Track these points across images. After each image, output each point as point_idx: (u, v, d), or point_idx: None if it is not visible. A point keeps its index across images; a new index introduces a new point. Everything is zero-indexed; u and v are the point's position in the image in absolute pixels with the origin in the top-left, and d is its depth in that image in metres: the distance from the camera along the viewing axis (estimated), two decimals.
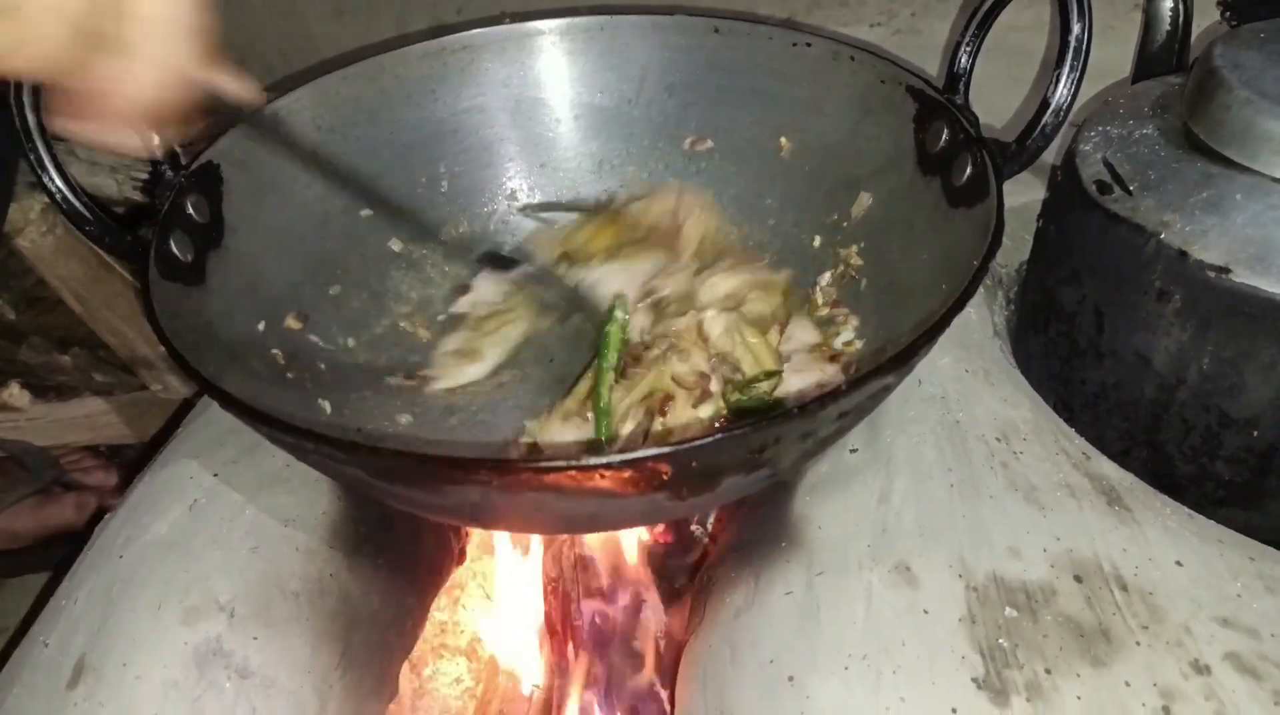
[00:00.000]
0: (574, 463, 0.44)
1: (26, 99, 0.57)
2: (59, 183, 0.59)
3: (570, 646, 0.77)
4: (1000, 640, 0.51)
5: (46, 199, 1.06)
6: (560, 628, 0.77)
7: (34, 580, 0.95)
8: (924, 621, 0.53)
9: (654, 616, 0.76)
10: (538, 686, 0.77)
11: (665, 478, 0.47)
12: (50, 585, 0.64)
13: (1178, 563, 0.55)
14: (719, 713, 0.55)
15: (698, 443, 0.44)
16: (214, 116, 0.56)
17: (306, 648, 0.57)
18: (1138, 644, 0.51)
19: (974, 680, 0.50)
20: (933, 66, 0.97)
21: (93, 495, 0.96)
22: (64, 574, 0.63)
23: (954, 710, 0.49)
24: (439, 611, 0.77)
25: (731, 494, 0.55)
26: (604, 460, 0.44)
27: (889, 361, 0.48)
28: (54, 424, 1.12)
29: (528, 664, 0.77)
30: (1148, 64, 0.74)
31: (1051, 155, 0.64)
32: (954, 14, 0.97)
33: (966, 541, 0.56)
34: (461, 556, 0.75)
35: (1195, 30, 0.73)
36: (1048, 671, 0.50)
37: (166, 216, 0.61)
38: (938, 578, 0.54)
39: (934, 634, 0.52)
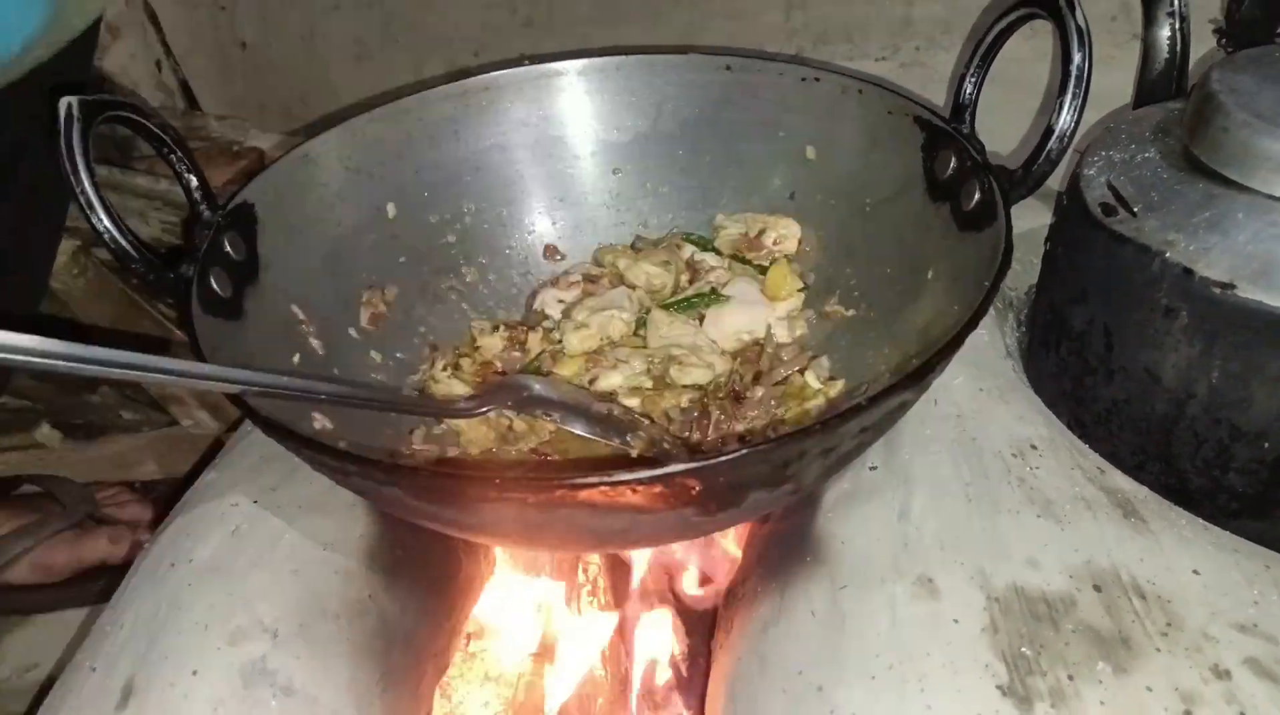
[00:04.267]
0: (606, 479, 0.45)
1: (77, 143, 0.59)
2: (107, 223, 0.61)
3: (595, 666, 0.78)
4: (1023, 648, 0.53)
5: (78, 242, 1.10)
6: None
7: (68, 617, 0.96)
8: (948, 632, 0.54)
9: (678, 636, 0.77)
10: (565, 708, 0.78)
11: (694, 493, 0.48)
12: (89, 621, 0.66)
13: (1194, 571, 0.56)
14: None
15: (725, 458, 0.46)
16: None
17: (347, 667, 0.58)
18: (1157, 650, 0.52)
19: (999, 688, 0.51)
20: (938, 98, 1.00)
21: (127, 530, 0.98)
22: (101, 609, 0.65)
23: None
24: (471, 636, 0.79)
25: (757, 509, 0.57)
26: (634, 476, 0.46)
27: (906, 378, 0.50)
28: (84, 461, 1.15)
29: (555, 685, 0.78)
30: (1147, 91, 0.76)
31: (1056, 181, 0.66)
32: (958, 47, 1.00)
33: (986, 554, 0.58)
34: (491, 578, 0.76)
35: (1192, 57, 0.75)
36: (1070, 678, 0.51)
37: (206, 253, 0.64)
38: (959, 589, 0.56)
39: (958, 644, 0.53)
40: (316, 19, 1.22)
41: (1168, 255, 0.59)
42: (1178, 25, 0.74)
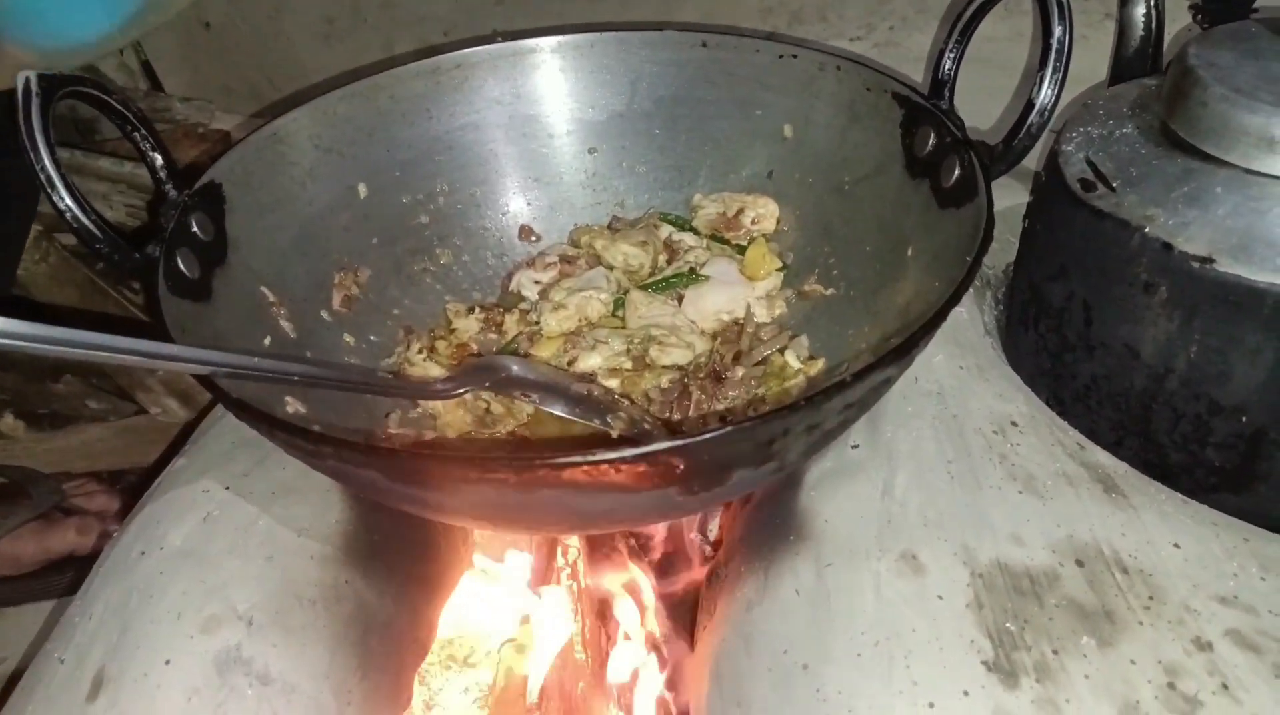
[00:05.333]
0: (589, 458, 0.45)
1: (36, 119, 0.57)
2: (69, 201, 0.59)
3: (575, 653, 0.77)
4: (1007, 624, 0.53)
5: (40, 227, 1.07)
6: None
7: (36, 609, 0.94)
8: (932, 608, 0.54)
9: (659, 618, 0.77)
10: (543, 698, 0.77)
11: (678, 472, 0.48)
12: (57, 613, 0.64)
13: (1175, 545, 0.56)
14: (735, 703, 0.56)
15: (711, 435, 0.45)
16: None
17: (325, 654, 0.57)
18: (1140, 623, 0.52)
19: (984, 663, 0.51)
20: (913, 77, 0.99)
21: (95, 520, 0.96)
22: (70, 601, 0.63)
23: (965, 693, 0.50)
24: (449, 622, 0.78)
25: (741, 488, 0.56)
26: (618, 454, 0.45)
27: (890, 354, 0.50)
28: (50, 451, 1.12)
29: (535, 673, 0.78)
30: (1123, 68, 0.76)
31: (1033, 161, 0.66)
32: (933, 27, 0.99)
33: (970, 530, 0.58)
34: (469, 564, 0.76)
35: (1167, 35, 0.75)
36: (1055, 652, 0.51)
37: (173, 234, 0.62)
38: (944, 565, 0.56)
39: (943, 619, 0.53)
40: None
41: (1147, 230, 0.59)
42: (1153, 1, 0.74)
